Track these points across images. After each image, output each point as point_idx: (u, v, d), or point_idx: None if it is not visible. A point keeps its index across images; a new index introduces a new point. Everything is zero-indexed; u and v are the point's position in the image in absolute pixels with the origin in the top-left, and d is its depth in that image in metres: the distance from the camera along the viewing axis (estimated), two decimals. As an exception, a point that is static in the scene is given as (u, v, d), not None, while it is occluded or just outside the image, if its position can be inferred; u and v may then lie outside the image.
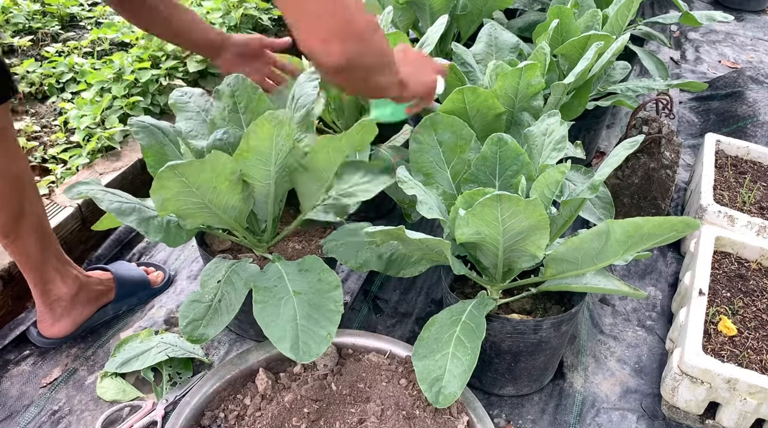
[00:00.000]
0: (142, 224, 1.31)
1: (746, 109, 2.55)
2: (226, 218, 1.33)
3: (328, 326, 1.21)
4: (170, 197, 1.19)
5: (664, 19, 2.51)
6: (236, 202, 1.30)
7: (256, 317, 1.21)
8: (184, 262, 1.86)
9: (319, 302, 1.25)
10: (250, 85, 1.46)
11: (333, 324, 1.22)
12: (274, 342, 1.17)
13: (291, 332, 1.19)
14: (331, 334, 1.20)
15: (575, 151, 1.77)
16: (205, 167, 1.16)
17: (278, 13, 2.82)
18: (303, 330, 1.19)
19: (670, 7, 3.57)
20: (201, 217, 1.30)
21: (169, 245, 1.34)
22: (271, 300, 1.24)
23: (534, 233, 1.16)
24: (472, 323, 1.26)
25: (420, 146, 1.40)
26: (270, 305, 1.23)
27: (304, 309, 1.23)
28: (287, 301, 1.25)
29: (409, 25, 2.25)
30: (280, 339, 1.18)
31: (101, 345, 1.58)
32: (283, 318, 1.21)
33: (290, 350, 1.16)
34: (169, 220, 1.35)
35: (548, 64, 1.71)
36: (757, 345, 1.48)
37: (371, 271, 1.44)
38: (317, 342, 1.18)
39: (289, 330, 1.19)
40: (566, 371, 1.58)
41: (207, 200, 1.24)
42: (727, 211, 1.82)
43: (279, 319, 1.21)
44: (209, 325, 1.28)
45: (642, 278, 1.90)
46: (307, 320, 1.21)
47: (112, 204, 1.29)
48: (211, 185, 1.21)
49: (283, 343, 1.17)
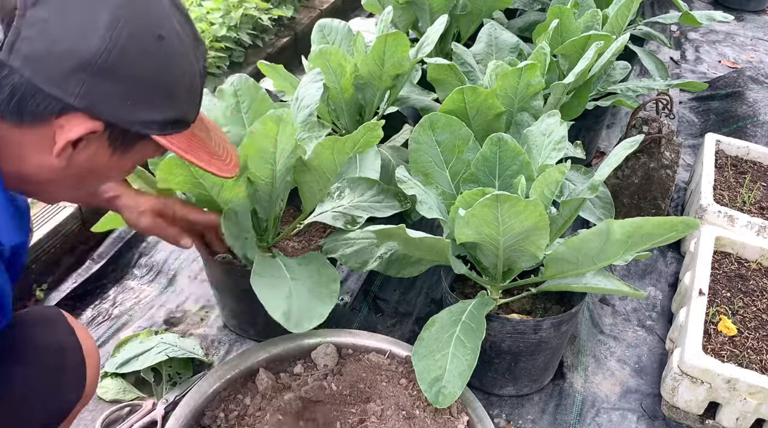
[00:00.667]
0: None
1: (746, 109, 2.55)
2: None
3: (320, 307, 1.22)
4: (176, 183, 1.21)
5: (664, 19, 2.51)
6: (241, 198, 1.30)
7: (253, 284, 1.21)
8: (184, 262, 1.86)
9: (316, 289, 1.26)
10: (253, 85, 1.47)
11: (325, 307, 1.23)
12: (268, 310, 1.18)
13: (285, 304, 1.20)
14: (323, 315, 1.21)
15: (575, 151, 1.77)
16: None
17: (278, 13, 2.83)
18: (297, 306, 1.20)
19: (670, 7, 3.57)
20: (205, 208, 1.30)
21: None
22: (270, 278, 1.25)
23: (534, 233, 1.16)
24: (472, 323, 1.26)
25: (419, 146, 1.40)
26: (268, 280, 1.24)
27: (301, 292, 1.24)
28: (284, 282, 1.25)
29: (409, 25, 2.25)
30: (275, 308, 1.18)
31: (101, 345, 1.58)
32: (279, 293, 1.22)
33: (282, 316, 1.17)
34: None
35: (548, 64, 1.71)
36: (757, 345, 1.48)
37: (371, 271, 1.44)
38: (309, 318, 1.20)
39: (283, 302, 1.20)
40: (566, 371, 1.58)
41: (213, 192, 1.24)
42: (727, 211, 1.82)
43: (276, 292, 1.22)
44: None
45: (642, 278, 1.90)
46: (300, 298, 1.22)
47: None
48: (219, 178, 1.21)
49: (276, 312, 1.18)
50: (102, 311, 1.70)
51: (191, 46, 0.82)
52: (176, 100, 0.81)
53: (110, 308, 1.71)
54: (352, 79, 1.70)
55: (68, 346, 0.99)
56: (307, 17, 3.07)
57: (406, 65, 1.68)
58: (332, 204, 1.51)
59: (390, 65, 1.66)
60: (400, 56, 1.64)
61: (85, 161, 0.80)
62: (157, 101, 0.79)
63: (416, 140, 1.41)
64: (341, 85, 1.70)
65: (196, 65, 0.83)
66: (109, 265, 1.81)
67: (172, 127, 0.82)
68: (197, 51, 0.84)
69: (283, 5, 2.95)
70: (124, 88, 0.75)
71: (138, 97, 0.76)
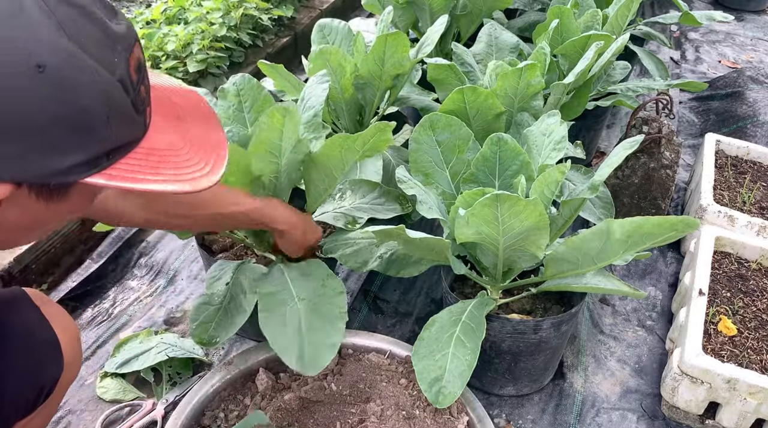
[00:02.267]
0: None
1: (746, 109, 2.55)
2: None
3: (332, 332, 1.21)
4: None
5: (664, 19, 2.51)
6: None
7: (262, 328, 1.22)
8: (184, 262, 1.86)
9: (324, 307, 1.25)
10: (256, 85, 1.47)
11: (337, 334, 1.22)
12: (280, 355, 1.17)
13: (297, 342, 1.19)
14: (335, 345, 1.20)
15: (575, 151, 1.77)
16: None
17: (278, 13, 2.83)
18: (308, 341, 1.20)
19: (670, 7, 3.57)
20: None
21: (179, 237, 1.35)
22: (278, 314, 1.24)
23: (534, 233, 1.16)
24: (472, 323, 1.26)
25: (419, 146, 1.41)
26: (276, 316, 1.23)
27: (311, 320, 1.23)
28: (293, 312, 1.24)
29: (409, 25, 2.25)
30: (286, 350, 1.18)
31: (101, 345, 1.58)
32: (290, 329, 1.21)
33: (297, 362, 1.16)
34: None
35: (548, 64, 1.71)
36: (757, 345, 1.48)
37: (371, 271, 1.44)
38: (322, 353, 1.19)
39: (295, 339, 1.20)
40: (566, 371, 1.58)
41: None
42: (727, 211, 1.82)
43: (286, 330, 1.21)
44: (219, 327, 1.28)
45: (642, 278, 1.90)
46: (311, 329, 1.21)
47: None
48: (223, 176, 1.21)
49: (290, 357, 1.17)
50: (102, 311, 1.70)
51: (99, 52, 0.64)
52: (96, 130, 0.64)
53: (110, 308, 1.71)
54: (352, 79, 1.70)
55: (33, 322, 0.96)
56: (307, 17, 3.07)
57: (406, 65, 1.68)
58: (333, 205, 1.51)
59: (390, 65, 1.66)
60: (400, 56, 1.64)
61: (20, 217, 0.69)
62: (66, 143, 0.63)
63: (416, 140, 1.41)
64: (341, 85, 1.70)
65: (118, 70, 0.65)
66: (108, 265, 1.82)
67: (108, 158, 0.67)
68: (113, 51, 0.65)
69: (283, 5, 2.95)
70: (14, 144, 0.60)
71: (37, 148, 0.61)
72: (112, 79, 0.64)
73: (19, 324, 0.95)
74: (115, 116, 0.66)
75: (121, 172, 0.68)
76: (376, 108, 1.84)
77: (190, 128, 0.78)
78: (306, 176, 1.37)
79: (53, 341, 0.97)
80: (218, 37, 2.50)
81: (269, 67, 1.72)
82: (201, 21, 2.52)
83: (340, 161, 1.30)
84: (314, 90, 1.44)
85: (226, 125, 1.42)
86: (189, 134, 0.77)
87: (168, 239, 1.92)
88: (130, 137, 0.69)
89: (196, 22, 2.51)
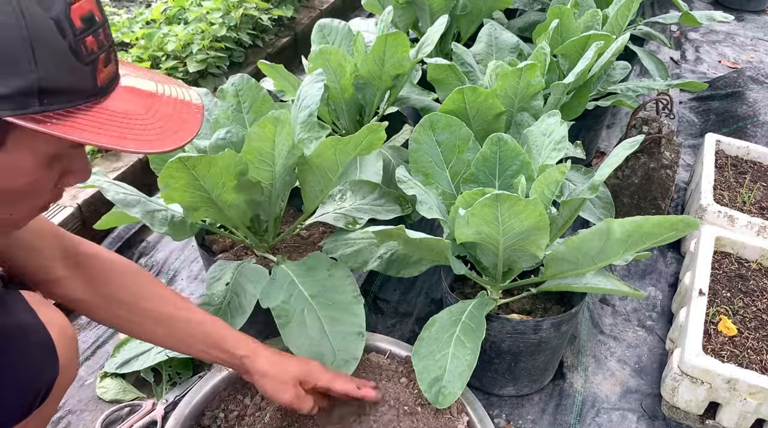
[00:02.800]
0: (147, 216, 1.33)
1: (746, 109, 2.55)
2: (231, 214, 1.33)
3: (355, 322, 1.29)
4: (178, 187, 1.20)
5: (664, 19, 2.51)
6: (241, 200, 1.31)
7: (285, 341, 1.27)
8: (184, 262, 1.86)
9: (338, 298, 1.31)
10: (255, 85, 1.47)
11: (359, 318, 1.30)
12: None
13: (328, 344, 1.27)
14: (361, 331, 1.28)
15: (575, 151, 1.77)
16: (216, 162, 1.17)
17: (278, 13, 2.83)
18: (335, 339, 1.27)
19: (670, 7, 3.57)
20: (205, 211, 1.30)
21: (174, 238, 1.36)
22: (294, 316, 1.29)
23: (534, 233, 1.16)
24: (472, 323, 1.26)
25: (419, 146, 1.41)
26: (298, 326, 1.28)
27: (327, 313, 1.29)
28: (310, 311, 1.29)
29: (409, 25, 2.25)
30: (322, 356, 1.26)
31: (101, 345, 1.58)
32: (311, 332, 1.27)
33: (332, 363, 1.24)
34: (173, 214, 1.36)
35: (548, 64, 1.71)
36: (757, 345, 1.48)
37: (371, 271, 1.44)
38: (352, 343, 1.27)
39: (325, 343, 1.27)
40: (566, 371, 1.58)
41: (214, 195, 1.24)
42: (727, 211, 1.82)
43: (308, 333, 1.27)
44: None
45: (642, 278, 1.90)
46: (333, 334, 1.28)
47: (117, 195, 1.31)
48: (220, 180, 1.21)
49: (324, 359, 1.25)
50: (102, 311, 1.70)
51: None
52: (16, 61, 0.62)
53: (110, 308, 1.70)
54: (352, 79, 1.70)
55: (28, 325, 0.94)
56: (307, 17, 3.07)
57: (406, 65, 1.68)
58: (334, 206, 1.51)
59: (390, 65, 1.66)
60: (400, 56, 1.64)
61: None
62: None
63: (416, 140, 1.41)
64: (341, 85, 1.70)
65: (54, 9, 0.63)
66: (109, 265, 1.81)
67: (41, 103, 0.64)
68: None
69: (283, 5, 2.95)
70: None
71: None
72: (43, 15, 0.62)
73: (14, 327, 0.94)
74: (43, 54, 0.63)
75: (58, 123, 0.65)
76: (376, 108, 1.84)
77: (162, 107, 0.76)
78: (301, 178, 1.37)
79: (48, 344, 0.96)
80: (218, 38, 2.50)
81: (269, 67, 1.72)
82: (201, 21, 2.52)
83: (335, 163, 1.30)
84: (309, 89, 1.44)
85: (225, 125, 1.42)
86: (158, 111, 0.75)
87: (168, 239, 1.92)
88: (68, 83, 0.66)
89: (196, 22, 2.51)
